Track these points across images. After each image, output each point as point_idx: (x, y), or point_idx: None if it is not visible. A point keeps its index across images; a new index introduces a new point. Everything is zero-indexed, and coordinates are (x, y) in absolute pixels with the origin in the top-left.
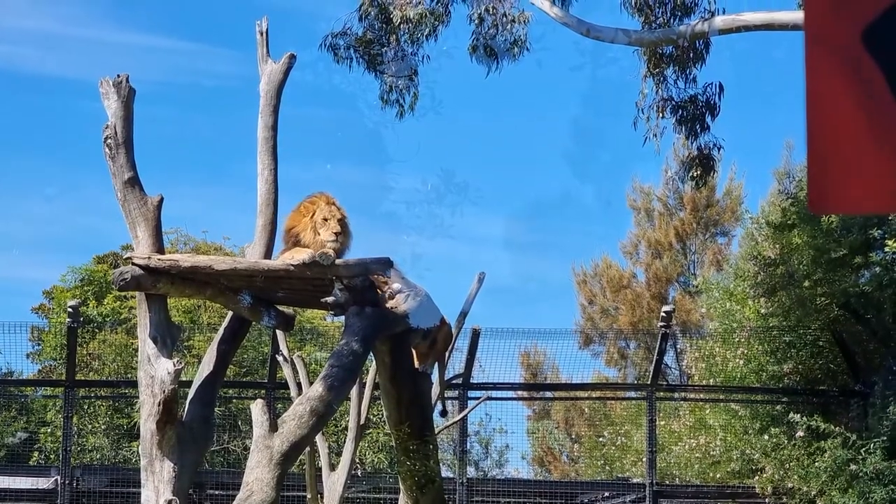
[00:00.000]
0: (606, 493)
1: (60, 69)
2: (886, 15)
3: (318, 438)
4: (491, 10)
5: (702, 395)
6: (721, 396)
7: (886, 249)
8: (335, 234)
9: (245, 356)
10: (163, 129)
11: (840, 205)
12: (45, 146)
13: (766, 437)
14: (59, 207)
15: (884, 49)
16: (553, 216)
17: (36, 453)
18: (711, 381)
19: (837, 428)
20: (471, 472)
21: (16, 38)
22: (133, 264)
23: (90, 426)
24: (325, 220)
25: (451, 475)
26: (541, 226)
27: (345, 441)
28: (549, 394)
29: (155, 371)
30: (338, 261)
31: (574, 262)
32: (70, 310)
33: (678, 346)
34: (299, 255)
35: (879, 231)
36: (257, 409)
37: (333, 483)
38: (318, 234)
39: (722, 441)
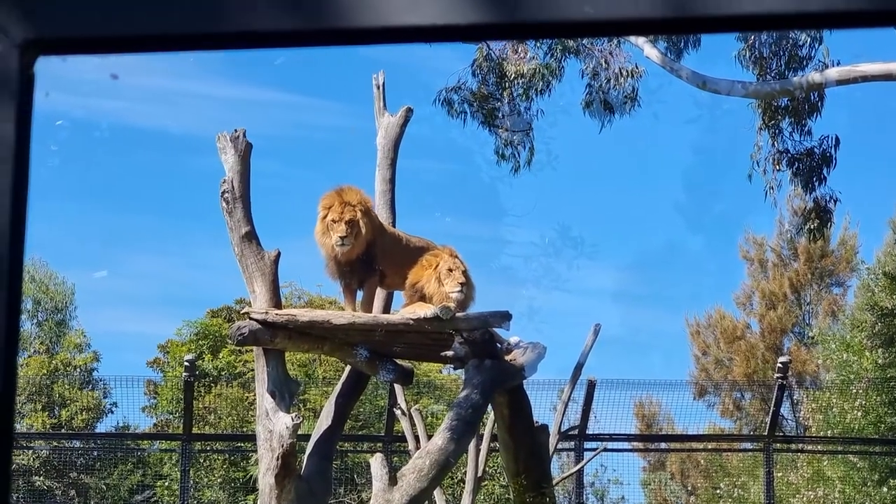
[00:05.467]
0: None
1: (173, 125)
2: None
3: (436, 491)
4: (604, 63)
5: (819, 447)
6: (839, 448)
7: None
8: (460, 284)
9: (361, 409)
10: (275, 182)
11: None
12: (159, 202)
13: (885, 489)
14: (173, 263)
15: None
16: (665, 267)
17: None
18: (829, 432)
19: None
20: None
21: (132, 94)
22: (250, 319)
23: (206, 479)
24: (450, 270)
25: None
26: (653, 277)
27: (461, 493)
28: (663, 445)
29: (273, 425)
30: (458, 314)
31: (687, 313)
32: (187, 364)
33: (794, 398)
34: (420, 310)
35: None
36: (377, 462)
37: None
38: (443, 286)
39: (840, 493)
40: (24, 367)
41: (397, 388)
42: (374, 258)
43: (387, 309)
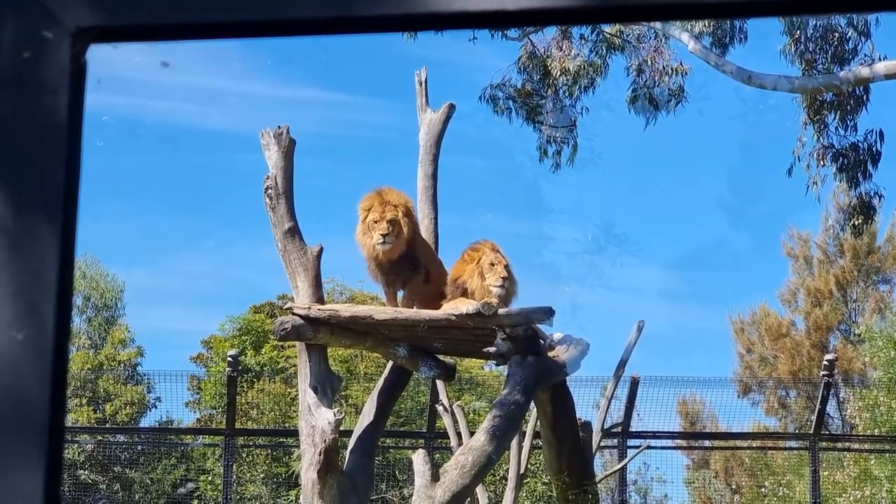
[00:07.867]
0: None
1: (218, 123)
2: None
3: (479, 488)
4: (650, 60)
5: (866, 446)
6: (886, 447)
7: None
8: (502, 278)
9: (403, 406)
10: (317, 180)
11: None
12: (204, 199)
13: None
14: (216, 259)
15: None
16: (709, 264)
17: (196, 501)
18: (876, 430)
19: None
20: None
21: (178, 93)
22: (293, 314)
23: (249, 474)
24: (492, 265)
25: None
26: (696, 274)
27: (504, 490)
28: (707, 443)
29: (315, 421)
30: (500, 310)
31: (731, 311)
32: (230, 359)
33: (840, 396)
34: (462, 306)
35: None
36: (419, 458)
37: None
38: (485, 280)
39: (888, 493)
40: (69, 362)
41: (439, 384)
42: (418, 258)
43: None
